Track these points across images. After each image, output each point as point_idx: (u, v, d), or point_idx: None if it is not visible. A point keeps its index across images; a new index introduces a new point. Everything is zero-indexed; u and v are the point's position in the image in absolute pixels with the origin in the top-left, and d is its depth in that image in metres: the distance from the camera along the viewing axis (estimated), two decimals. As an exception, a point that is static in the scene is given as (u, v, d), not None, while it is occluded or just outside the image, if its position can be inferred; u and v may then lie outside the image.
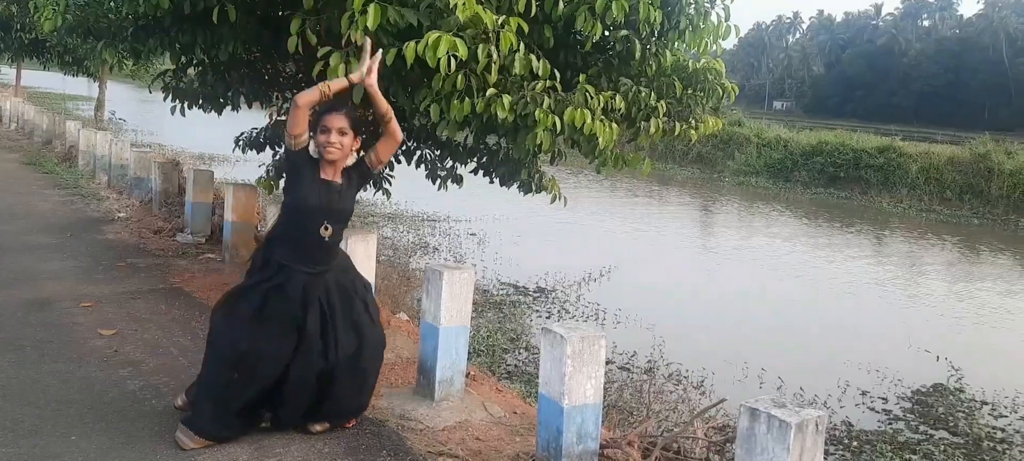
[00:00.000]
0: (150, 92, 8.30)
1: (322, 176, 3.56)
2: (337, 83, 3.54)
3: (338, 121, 3.53)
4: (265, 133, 7.11)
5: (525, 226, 16.00)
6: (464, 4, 3.55)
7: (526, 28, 3.90)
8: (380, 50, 3.74)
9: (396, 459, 3.58)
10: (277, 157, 7.28)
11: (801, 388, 8.06)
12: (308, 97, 3.49)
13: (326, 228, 3.54)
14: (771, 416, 2.54)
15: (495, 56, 3.77)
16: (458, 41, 3.62)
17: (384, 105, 3.64)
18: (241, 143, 7.07)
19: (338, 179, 3.61)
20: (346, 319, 3.66)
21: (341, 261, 3.79)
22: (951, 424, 7.67)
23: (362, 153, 3.80)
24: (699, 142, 5.28)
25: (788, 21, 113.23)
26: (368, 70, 3.57)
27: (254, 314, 3.51)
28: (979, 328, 11.59)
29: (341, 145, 3.53)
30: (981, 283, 15.12)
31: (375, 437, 3.76)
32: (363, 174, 3.75)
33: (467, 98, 3.92)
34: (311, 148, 3.58)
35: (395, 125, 3.68)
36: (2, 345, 4.60)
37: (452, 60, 3.68)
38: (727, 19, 4.78)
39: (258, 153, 7.24)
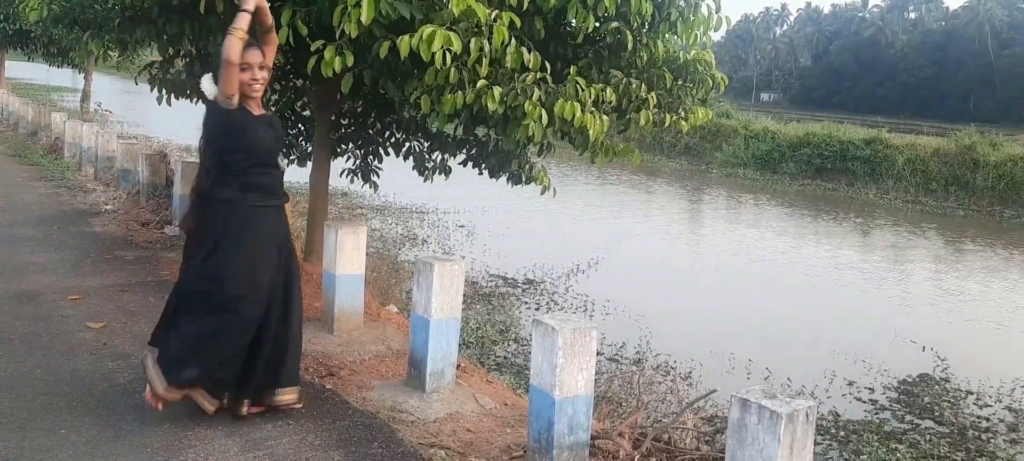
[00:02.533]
0: (136, 83, 8.23)
1: (255, 114, 3.60)
2: (244, 19, 3.44)
3: (257, 56, 3.55)
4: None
5: (513, 218, 16.01)
6: (458, -2, 3.55)
7: (519, 22, 3.90)
8: None
9: (388, 451, 3.59)
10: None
11: (788, 378, 8.12)
12: (237, 47, 3.41)
13: (281, 159, 3.71)
14: (762, 407, 2.56)
15: (486, 49, 3.77)
16: (452, 35, 3.61)
17: (271, 18, 3.65)
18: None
19: (264, 111, 3.70)
20: (290, 274, 3.75)
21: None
22: (937, 413, 7.76)
23: None
24: (688, 134, 5.30)
25: (776, 13, 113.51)
26: None
27: (224, 258, 3.53)
28: (964, 319, 11.71)
29: (263, 79, 3.59)
30: (967, 274, 15.26)
31: (367, 429, 3.77)
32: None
33: (459, 91, 3.92)
34: (207, 89, 3.57)
35: (275, 34, 3.73)
36: (-11, 339, 4.57)
37: (446, 54, 3.67)
38: (718, 11, 4.79)
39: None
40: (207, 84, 3.56)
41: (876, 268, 15.04)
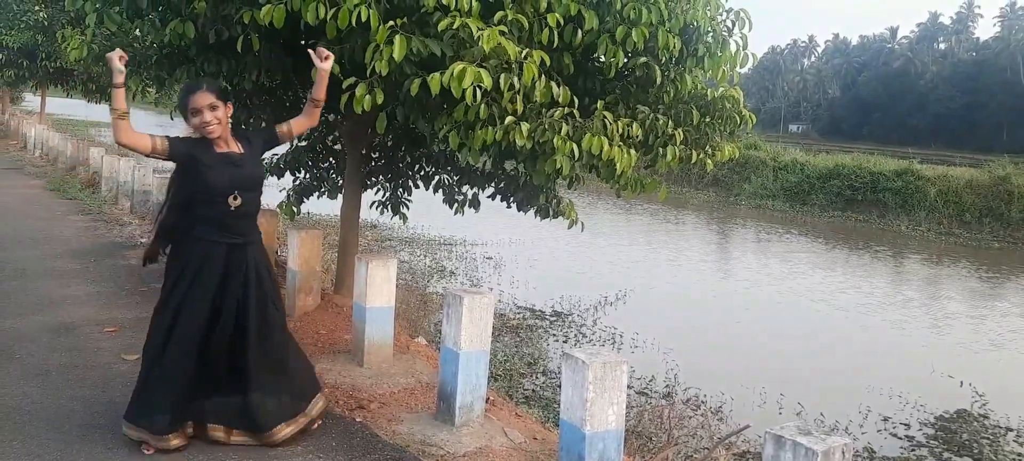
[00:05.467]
0: (172, 119, 8.41)
1: (218, 150, 3.61)
2: (118, 97, 3.45)
3: (204, 99, 3.54)
4: (285, 158, 7.19)
5: (541, 250, 16.01)
6: (488, 35, 3.60)
7: (548, 61, 3.95)
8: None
9: (418, 485, 3.58)
10: (297, 182, 7.36)
11: (822, 414, 7.99)
12: (117, 131, 3.44)
13: (235, 198, 3.57)
14: (797, 443, 2.53)
15: (517, 85, 3.82)
16: (483, 72, 3.66)
17: (324, 92, 3.75)
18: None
19: (236, 149, 3.66)
20: (258, 300, 3.72)
21: (258, 240, 3.82)
22: (975, 451, 7.57)
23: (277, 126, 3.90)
24: (715, 165, 5.30)
25: (803, 45, 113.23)
26: (325, 57, 3.70)
27: (178, 291, 3.60)
28: (1003, 353, 11.45)
29: (217, 119, 3.56)
30: (1003, 307, 14.95)
31: (396, 463, 3.77)
32: (268, 140, 3.87)
33: (489, 126, 3.97)
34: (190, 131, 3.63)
35: (318, 113, 3.84)
36: (28, 371, 4.66)
37: (478, 91, 3.73)
38: (745, 47, 4.81)
39: (279, 178, 7.32)
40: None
41: (910, 301, 14.78)
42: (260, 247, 3.82)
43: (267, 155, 7.39)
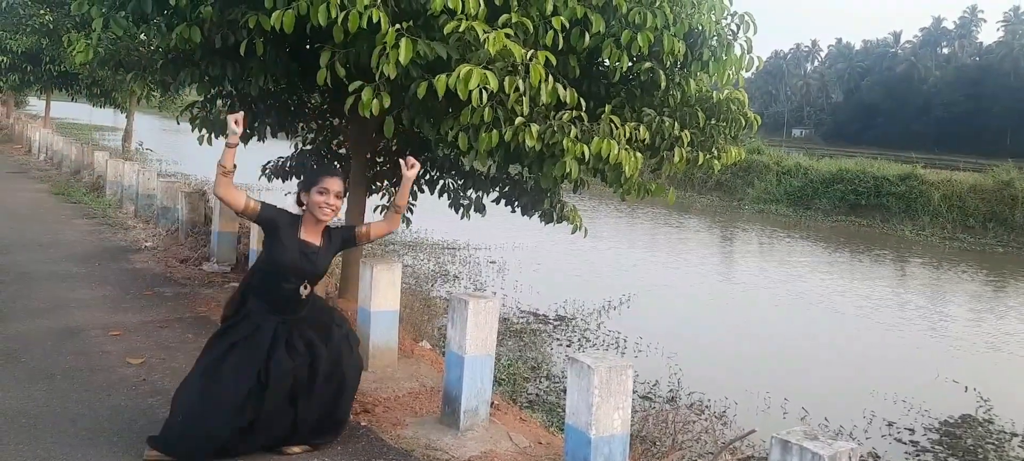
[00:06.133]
0: (178, 123, 8.44)
1: (301, 236, 3.66)
2: (229, 156, 3.57)
3: (337, 185, 3.67)
4: (290, 162, 7.21)
5: (544, 254, 16.01)
6: (494, 38, 3.60)
7: (554, 61, 3.95)
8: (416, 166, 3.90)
9: (423, 489, 3.58)
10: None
11: (826, 418, 7.96)
12: (225, 178, 3.56)
13: (306, 287, 3.67)
14: (803, 448, 2.53)
15: (522, 87, 3.82)
16: (489, 74, 3.67)
17: (406, 199, 3.89)
18: (267, 172, 7.16)
19: (317, 241, 3.71)
20: (319, 346, 3.72)
21: (314, 305, 3.85)
22: (980, 456, 7.54)
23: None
24: (719, 170, 5.30)
25: (806, 49, 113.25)
26: (411, 165, 3.80)
27: (223, 355, 3.61)
28: (1008, 358, 11.41)
29: (336, 208, 3.68)
30: (1007, 312, 14.90)
31: (401, 467, 3.77)
32: (346, 241, 3.87)
33: (495, 129, 3.97)
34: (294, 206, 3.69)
35: (399, 219, 3.94)
36: (34, 374, 4.67)
37: (483, 92, 3.73)
38: (750, 51, 4.81)
39: (284, 182, 7.33)
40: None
41: (914, 306, 14.75)
42: (316, 309, 3.82)
43: (272, 158, 7.45)
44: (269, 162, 7.26)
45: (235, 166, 3.58)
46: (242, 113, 3.63)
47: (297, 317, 3.70)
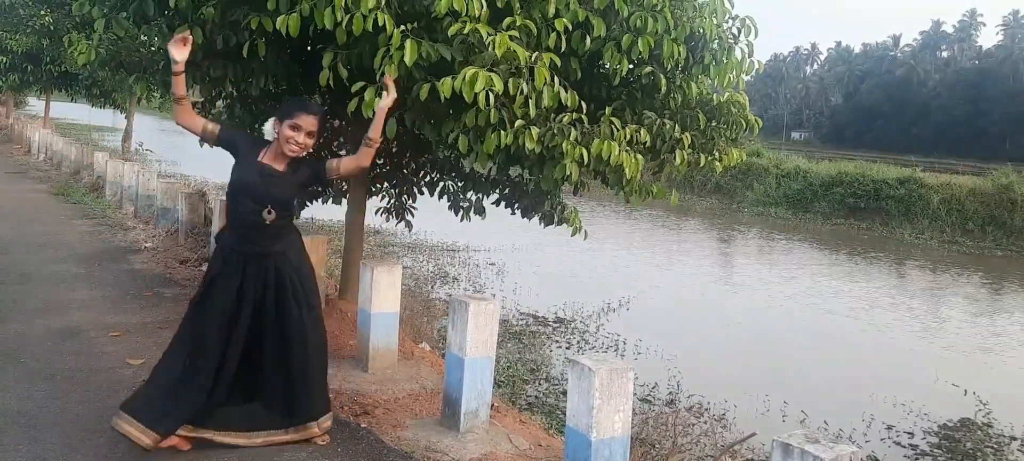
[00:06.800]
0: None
1: (261, 159, 3.66)
2: (178, 83, 3.66)
3: (311, 123, 3.64)
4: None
5: (544, 256, 16.01)
6: (499, 40, 3.61)
7: (558, 63, 3.96)
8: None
9: (423, 491, 3.58)
10: (302, 188, 7.36)
11: (825, 422, 7.97)
12: (179, 105, 3.69)
13: (269, 212, 3.61)
14: (804, 451, 2.53)
15: (526, 90, 3.83)
16: (494, 76, 3.68)
17: (379, 133, 3.78)
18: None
19: (279, 166, 3.67)
20: (280, 314, 3.71)
21: (288, 246, 3.78)
22: (980, 459, 7.55)
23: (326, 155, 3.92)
24: (719, 173, 5.30)
25: (806, 52, 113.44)
26: (388, 91, 3.75)
27: (202, 301, 3.66)
28: (1006, 362, 11.42)
29: (305, 146, 3.65)
30: (1007, 316, 14.92)
31: (402, 469, 3.77)
32: (317, 176, 3.85)
33: (499, 131, 3.98)
34: (268, 131, 3.69)
35: (372, 153, 3.82)
36: (33, 374, 4.67)
37: (490, 95, 3.74)
38: (751, 55, 4.82)
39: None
40: (268, 128, 3.72)
41: (913, 310, 14.76)
42: (287, 257, 3.77)
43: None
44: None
45: (185, 95, 3.69)
46: (187, 35, 3.69)
47: (270, 251, 3.68)
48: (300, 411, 3.82)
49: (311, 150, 3.76)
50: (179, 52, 3.65)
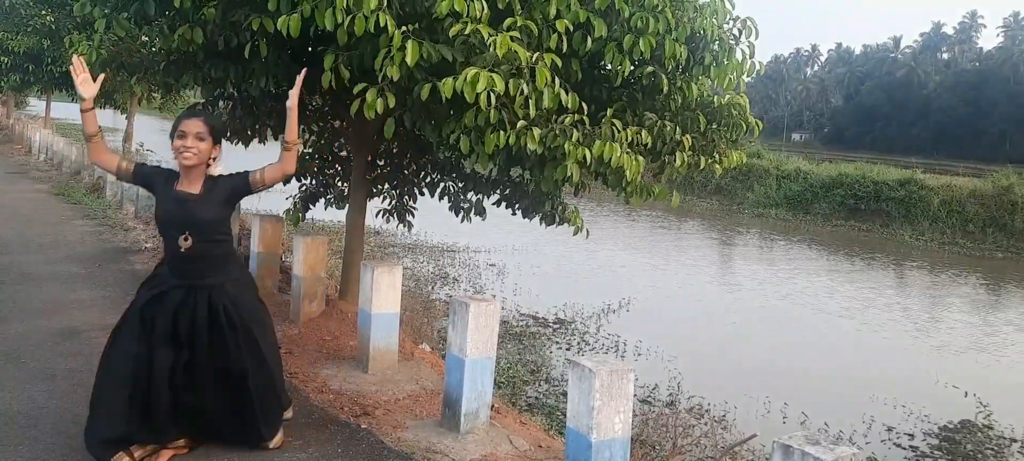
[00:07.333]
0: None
1: (177, 187, 3.51)
2: (84, 97, 3.47)
3: (195, 126, 3.49)
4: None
5: (544, 257, 16.01)
6: (500, 41, 3.61)
7: (560, 63, 3.96)
8: (305, 70, 3.76)
9: (423, 492, 3.57)
10: (303, 189, 7.37)
11: (825, 423, 7.97)
12: (92, 144, 3.52)
13: (186, 238, 3.44)
14: (805, 453, 2.53)
15: (527, 90, 3.83)
16: (495, 77, 3.68)
17: (295, 133, 3.60)
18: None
19: (194, 190, 3.51)
20: (214, 347, 3.53)
21: (225, 278, 3.60)
22: (980, 461, 7.56)
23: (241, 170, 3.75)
24: (719, 174, 5.30)
25: (806, 54, 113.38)
26: (294, 94, 3.58)
27: (132, 321, 3.51)
28: (1007, 364, 11.42)
29: (197, 150, 3.47)
30: (1006, 318, 14.91)
31: (402, 469, 3.77)
32: (238, 188, 3.61)
33: (500, 131, 3.98)
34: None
35: (294, 157, 3.63)
36: (34, 374, 4.67)
37: (491, 95, 3.74)
38: (752, 56, 4.82)
39: (285, 184, 7.31)
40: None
41: (914, 311, 14.76)
42: (228, 289, 3.59)
43: (272, 159, 7.43)
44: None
45: (99, 128, 3.52)
46: (81, 62, 3.47)
47: (198, 284, 3.51)
48: (251, 438, 3.71)
49: (215, 155, 3.58)
50: (86, 89, 3.45)
